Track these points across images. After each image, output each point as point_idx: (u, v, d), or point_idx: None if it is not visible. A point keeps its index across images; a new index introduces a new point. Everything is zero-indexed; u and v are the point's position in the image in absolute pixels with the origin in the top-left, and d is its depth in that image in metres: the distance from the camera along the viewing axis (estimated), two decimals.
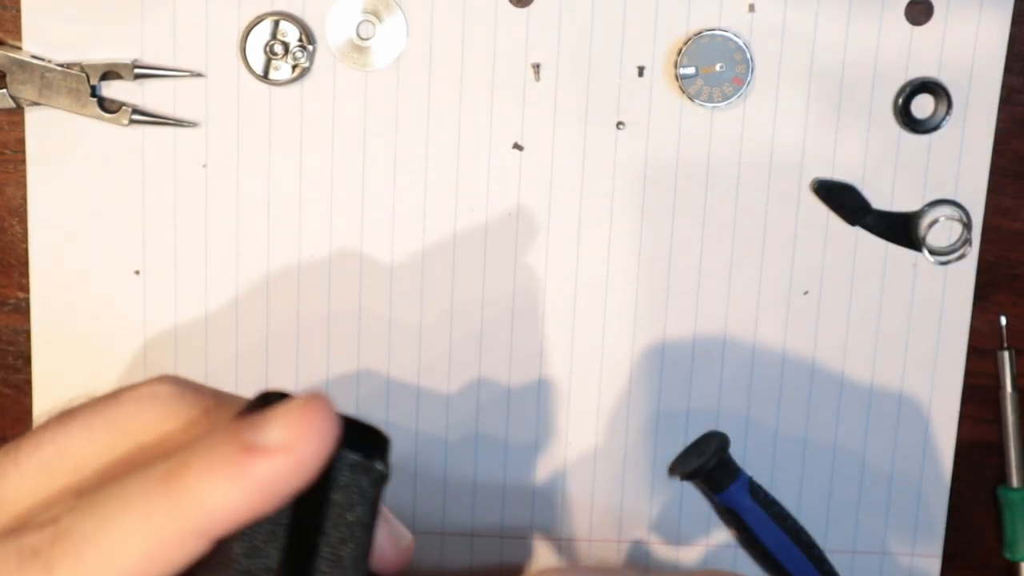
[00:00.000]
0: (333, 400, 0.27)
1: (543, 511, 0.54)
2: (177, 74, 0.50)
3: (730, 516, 0.53)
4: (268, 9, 0.49)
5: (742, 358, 0.53)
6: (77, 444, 0.29)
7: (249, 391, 0.53)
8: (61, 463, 0.28)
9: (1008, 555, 0.55)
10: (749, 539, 0.54)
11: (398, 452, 0.54)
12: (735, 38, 0.49)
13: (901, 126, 0.50)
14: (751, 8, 0.50)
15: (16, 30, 0.49)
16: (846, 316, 0.52)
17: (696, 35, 0.49)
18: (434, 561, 0.55)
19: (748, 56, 0.50)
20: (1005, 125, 0.51)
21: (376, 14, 0.49)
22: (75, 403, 0.29)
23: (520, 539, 0.55)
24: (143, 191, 0.51)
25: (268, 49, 0.49)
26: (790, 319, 0.53)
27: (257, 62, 0.50)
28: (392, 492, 0.54)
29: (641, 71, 0.50)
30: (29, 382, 0.53)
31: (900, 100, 0.50)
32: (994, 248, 0.52)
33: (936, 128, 0.50)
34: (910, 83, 0.50)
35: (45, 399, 0.53)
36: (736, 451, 0.54)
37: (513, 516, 0.55)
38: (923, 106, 0.50)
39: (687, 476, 0.53)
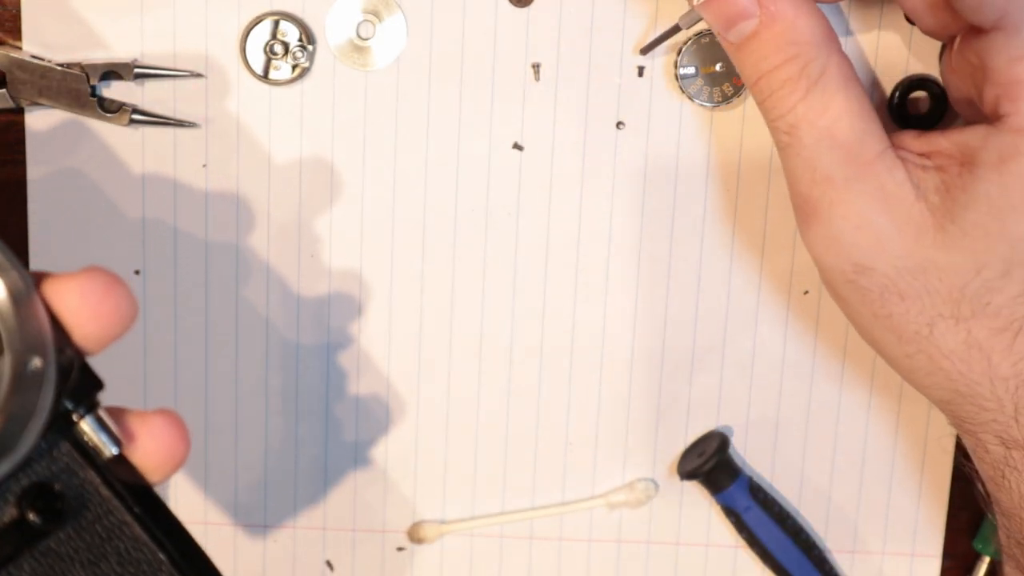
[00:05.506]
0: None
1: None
2: (177, 74, 0.50)
3: (730, 516, 0.53)
4: (268, 9, 0.49)
5: (742, 358, 0.53)
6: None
7: (250, 391, 0.54)
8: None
9: (979, 546, 0.54)
10: (749, 539, 0.54)
11: (399, 450, 0.54)
12: None
13: (896, 123, 0.50)
14: None
15: (16, 30, 0.49)
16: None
17: (696, 35, 0.49)
18: (433, 561, 0.55)
19: None
20: None
21: (376, 14, 0.49)
22: None
23: (520, 539, 0.55)
24: (143, 191, 0.51)
25: (268, 49, 0.49)
26: (790, 319, 0.53)
27: (257, 62, 0.50)
28: (392, 488, 0.54)
29: (641, 71, 0.50)
30: None
31: (895, 97, 0.50)
32: None
33: (931, 125, 0.50)
34: (904, 80, 0.50)
35: None
36: (736, 451, 0.54)
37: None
38: (918, 103, 0.50)
39: (687, 476, 0.53)
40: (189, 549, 0.36)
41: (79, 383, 0.34)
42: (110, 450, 0.34)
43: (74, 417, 0.34)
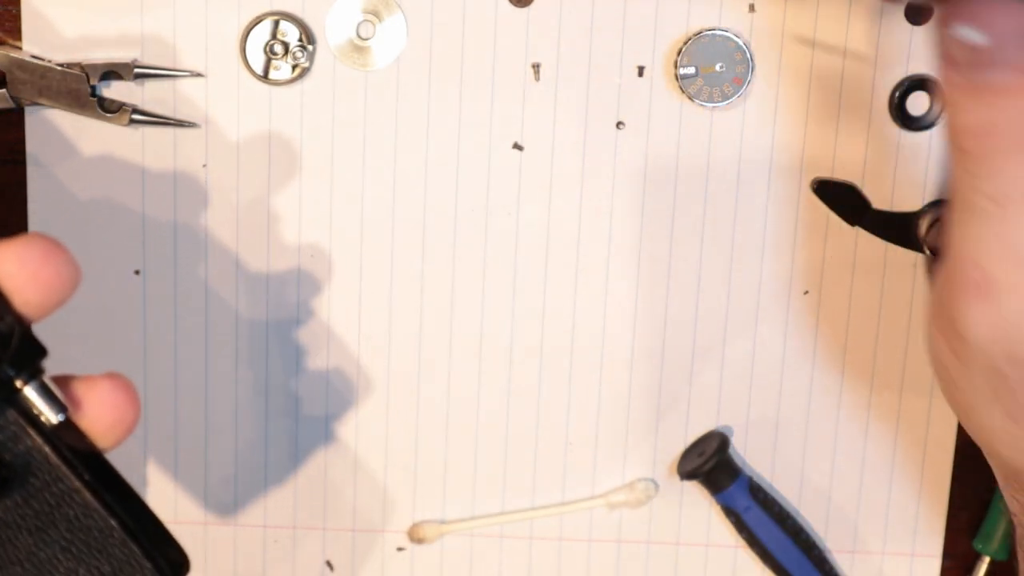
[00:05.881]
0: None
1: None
2: (177, 74, 0.50)
3: (730, 516, 0.53)
4: (268, 9, 0.49)
5: (742, 358, 0.53)
6: None
7: (249, 391, 0.54)
8: None
9: (979, 546, 0.54)
10: (749, 539, 0.54)
11: (399, 450, 0.54)
12: (735, 38, 0.49)
13: (896, 123, 0.50)
14: (751, 8, 0.50)
15: (16, 30, 0.49)
16: (846, 316, 0.52)
17: (696, 35, 0.49)
18: (433, 561, 0.55)
19: (748, 56, 0.50)
20: None
21: (376, 14, 0.49)
22: None
23: (520, 539, 0.55)
24: (143, 191, 0.51)
25: (268, 49, 0.49)
26: (790, 319, 0.53)
27: (257, 62, 0.50)
28: (392, 488, 0.54)
29: (641, 71, 0.50)
30: None
31: (895, 97, 0.50)
32: None
33: (931, 126, 0.50)
34: (905, 80, 0.50)
35: None
36: (736, 451, 0.54)
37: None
38: (918, 103, 0.50)
39: (687, 476, 0.53)
40: (140, 515, 0.36)
41: (20, 350, 0.34)
42: (55, 416, 0.34)
43: (17, 384, 0.34)
